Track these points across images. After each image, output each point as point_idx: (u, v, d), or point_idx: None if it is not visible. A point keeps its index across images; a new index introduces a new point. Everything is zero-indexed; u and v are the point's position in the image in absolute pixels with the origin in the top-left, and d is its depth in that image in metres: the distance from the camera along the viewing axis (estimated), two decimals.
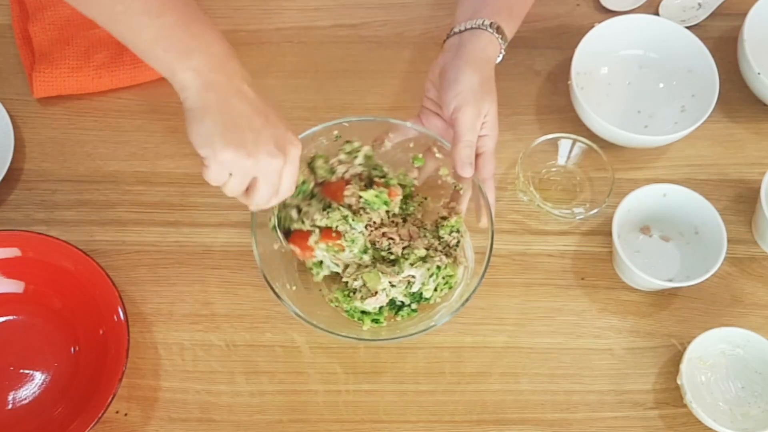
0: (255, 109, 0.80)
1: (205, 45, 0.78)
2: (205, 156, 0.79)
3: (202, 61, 0.78)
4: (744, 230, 1.07)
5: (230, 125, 0.78)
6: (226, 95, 0.79)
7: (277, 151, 0.80)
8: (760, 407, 0.96)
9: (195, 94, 0.78)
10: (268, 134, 0.80)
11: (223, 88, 0.78)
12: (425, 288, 0.94)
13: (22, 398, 0.95)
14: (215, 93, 0.78)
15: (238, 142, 0.78)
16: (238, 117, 0.79)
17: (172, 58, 0.77)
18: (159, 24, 0.77)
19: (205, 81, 0.78)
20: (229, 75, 0.79)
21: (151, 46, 0.78)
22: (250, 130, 0.79)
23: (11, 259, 0.98)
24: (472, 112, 0.93)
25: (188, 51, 0.78)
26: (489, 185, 0.95)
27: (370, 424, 0.96)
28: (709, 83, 1.06)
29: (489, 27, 0.97)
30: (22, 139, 1.08)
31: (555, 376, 0.99)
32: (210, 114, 0.78)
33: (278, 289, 0.91)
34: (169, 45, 0.77)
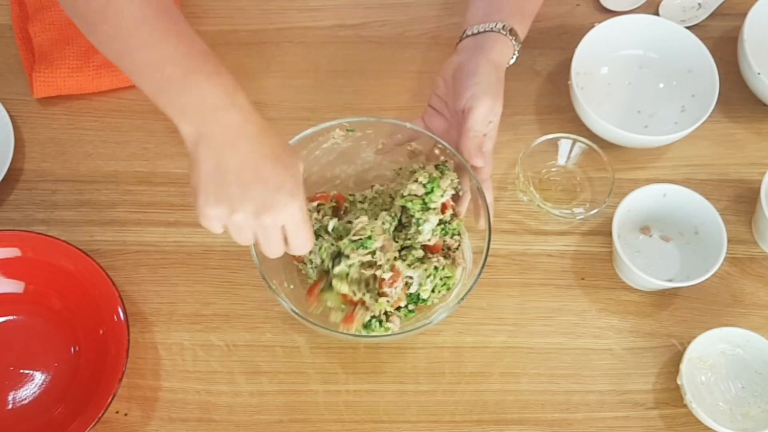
0: (244, 163, 0.78)
1: (199, 98, 0.77)
2: (196, 204, 0.80)
3: (195, 116, 0.77)
4: (744, 230, 1.07)
5: (217, 182, 0.78)
6: (216, 150, 0.77)
7: (262, 209, 0.79)
8: (760, 407, 0.96)
9: (190, 147, 0.78)
10: (256, 191, 0.78)
11: (214, 143, 0.77)
12: (423, 289, 0.93)
13: (22, 398, 0.95)
14: (206, 148, 0.77)
15: (223, 199, 0.78)
16: (225, 173, 0.78)
17: (171, 112, 0.78)
18: (158, 78, 0.77)
19: (198, 136, 0.77)
20: (223, 128, 0.77)
21: (156, 99, 0.79)
22: (237, 186, 0.78)
23: (11, 259, 0.98)
24: (488, 104, 0.93)
25: (183, 107, 0.77)
26: (487, 185, 0.95)
27: (370, 424, 0.96)
28: (709, 83, 1.06)
29: (503, 30, 0.97)
30: (22, 139, 1.08)
31: (555, 376, 0.99)
32: (200, 168, 0.78)
33: (276, 287, 0.91)
34: (168, 100, 0.78)
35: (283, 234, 0.82)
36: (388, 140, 0.99)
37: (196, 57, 0.77)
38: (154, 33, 0.76)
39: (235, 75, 0.88)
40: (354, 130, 0.97)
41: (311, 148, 0.97)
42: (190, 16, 1.15)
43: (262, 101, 1.11)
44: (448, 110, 0.98)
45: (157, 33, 0.76)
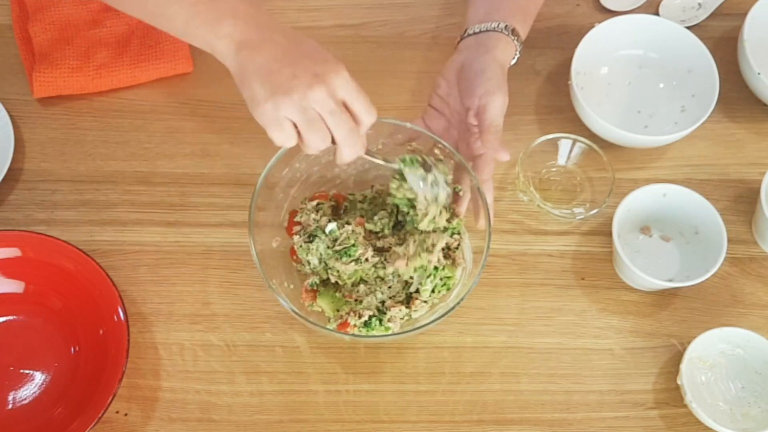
0: (286, 48, 0.80)
1: (231, 10, 0.80)
2: (257, 115, 0.80)
3: (230, 26, 0.80)
4: (744, 230, 1.07)
5: (265, 73, 0.79)
6: (257, 50, 0.80)
7: (314, 78, 0.78)
8: (760, 407, 0.96)
9: (232, 59, 0.80)
10: (304, 66, 0.79)
11: (254, 43, 0.80)
12: (423, 289, 0.94)
13: (22, 398, 0.95)
14: (248, 51, 0.79)
15: (277, 86, 0.78)
16: (271, 62, 0.79)
17: (206, 32, 0.81)
18: (185, 5, 0.81)
19: (238, 43, 0.80)
20: (260, 29, 0.80)
21: (186, 29, 0.82)
22: (287, 68, 0.79)
23: (11, 259, 0.98)
24: (502, 99, 0.94)
25: (217, 20, 0.80)
26: (488, 186, 0.95)
27: (370, 424, 0.96)
28: (709, 83, 1.06)
29: (504, 30, 0.97)
30: (22, 139, 1.08)
31: (555, 376, 0.99)
32: (245, 72, 0.80)
33: (276, 287, 0.91)
34: (201, 22, 0.81)
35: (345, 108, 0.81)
36: (389, 140, 0.99)
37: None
38: None
39: None
40: None
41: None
42: None
43: None
44: (449, 110, 0.98)
45: None
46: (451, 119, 0.98)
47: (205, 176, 1.07)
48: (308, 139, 0.81)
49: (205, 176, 1.07)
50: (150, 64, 1.09)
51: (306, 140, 0.81)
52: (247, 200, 0.92)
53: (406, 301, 0.94)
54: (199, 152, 1.08)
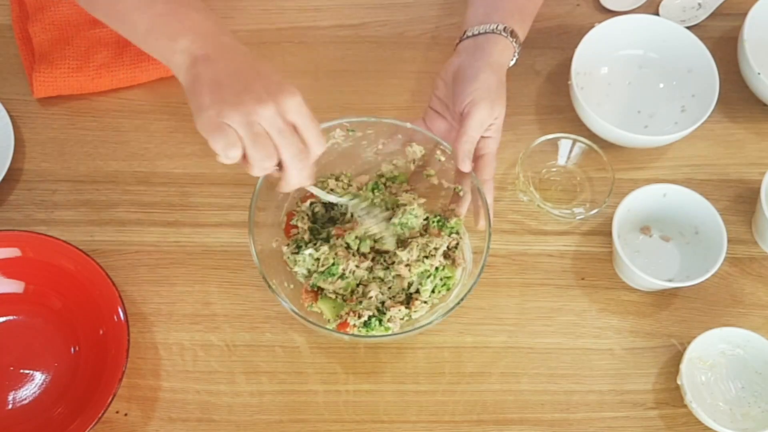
0: (241, 67, 0.79)
1: (191, 26, 0.80)
2: (201, 125, 0.77)
3: (189, 41, 0.79)
4: (744, 230, 1.07)
5: (216, 86, 0.78)
6: (213, 63, 0.79)
7: (266, 95, 0.77)
8: (760, 407, 0.96)
9: (185, 72, 0.79)
10: (257, 85, 0.78)
11: (210, 57, 0.79)
12: (423, 289, 0.94)
13: (22, 398, 0.95)
14: (203, 64, 0.79)
15: (226, 98, 0.77)
16: (223, 77, 0.78)
17: (164, 45, 0.80)
18: (149, 14, 0.81)
19: (194, 57, 0.79)
20: (216, 45, 0.80)
21: (146, 38, 0.81)
22: (237, 83, 0.78)
23: (11, 259, 0.98)
24: (486, 110, 0.93)
25: (176, 34, 0.80)
26: (488, 187, 0.95)
27: (370, 424, 0.96)
28: (709, 83, 1.06)
29: (503, 31, 0.97)
30: (22, 139, 1.08)
31: (555, 376, 0.99)
32: (196, 83, 0.78)
33: (276, 287, 0.91)
34: (160, 33, 0.80)
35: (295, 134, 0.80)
36: (389, 140, 0.99)
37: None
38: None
39: None
40: (354, 130, 0.97)
41: None
42: None
43: None
44: (449, 112, 0.98)
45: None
46: (451, 121, 0.98)
47: (205, 176, 1.07)
48: (252, 155, 0.78)
49: (205, 176, 1.07)
50: (150, 64, 1.09)
51: (250, 156, 0.78)
52: (247, 200, 0.92)
53: (406, 301, 0.94)
54: (199, 152, 1.08)
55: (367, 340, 0.97)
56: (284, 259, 0.96)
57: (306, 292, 0.95)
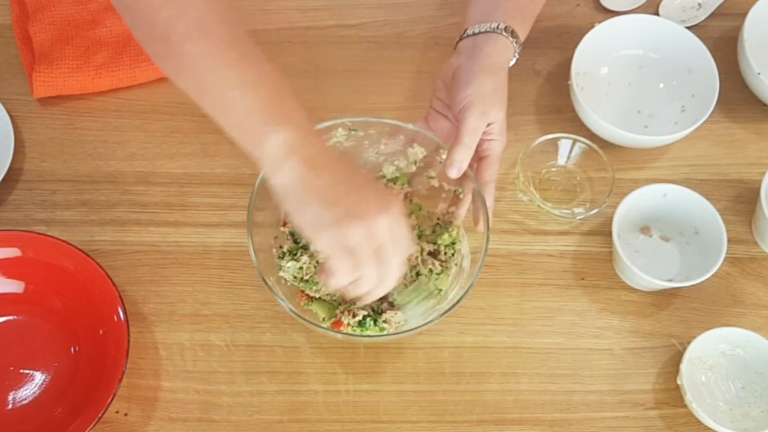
0: (348, 173, 0.77)
1: (296, 118, 0.75)
2: (321, 242, 0.75)
3: (294, 134, 0.74)
4: (744, 230, 1.07)
5: (332, 197, 0.74)
6: (319, 168, 0.75)
7: (382, 204, 0.76)
8: (760, 407, 0.96)
9: (290, 173, 0.74)
10: (369, 191, 0.77)
11: (315, 161, 0.75)
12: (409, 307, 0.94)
13: (22, 398, 0.95)
14: (309, 168, 0.74)
15: (341, 211, 0.74)
16: (336, 186, 0.75)
17: (265, 131, 0.74)
18: (254, 97, 0.75)
19: (298, 157, 0.74)
20: (320, 147, 0.76)
21: (243, 120, 0.75)
22: (354, 192, 0.75)
23: (11, 259, 0.98)
24: (478, 115, 0.92)
25: (282, 124, 0.74)
26: (489, 188, 0.95)
27: (370, 424, 0.96)
28: (709, 83, 1.06)
29: (504, 31, 0.96)
30: (22, 139, 1.08)
31: (555, 376, 0.99)
32: (310, 192, 0.74)
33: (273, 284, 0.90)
34: (263, 119, 0.74)
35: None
36: (390, 140, 0.99)
37: (281, 79, 0.77)
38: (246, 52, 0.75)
39: None
40: (357, 130, 0.97)
41: None
42: None
43: None
44: (450, 112, 0.98)
45: (248, 53, 0.76)
46: (454, 121, 0.98)
47: (205, 176, 1.07)
48: (366, 271, 0.76)
49: (205, 176, 1.07)
50: (150, 64, 1.09)
51: (358, 277, 0.77)
52: (247, 200, 0.92)
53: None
54: (199, 152, 1.08)
55: (366, 340, 0.97)
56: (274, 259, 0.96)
57: (301, 292, 0.95)
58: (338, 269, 0.76)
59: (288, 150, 0.74)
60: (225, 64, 0.74)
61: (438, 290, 0.95)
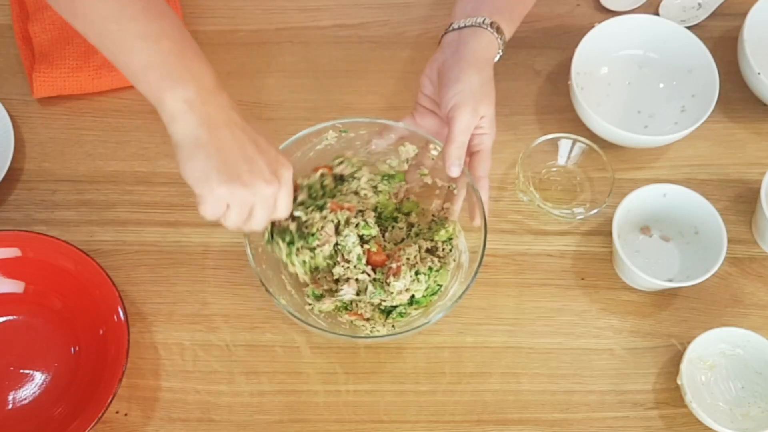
0: (247, 138, 0.80)
1: (198, 76, 0.78)
2: (201, 194, 0.79)
3: (194, 92, 0.77)
4: (744, 230, 1.07)
5: (225, 159, 0.78)
6: (217, 128, 0.78)
7: (272, 177, 0.81)
8: (760, 407, 0.96)
9: (185, 129, 0.78)
10: (262, 162, 0.80)
11: (214, 121, 0.78)
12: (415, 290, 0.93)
13: (22, 398, 0.95)
14: (207, 127, 0.78)
15: (235, 175, 0.79)
16: (231, 150, 0.79)
17: (165, 86, 0.77)
18: (155, 49, 0.77)
19: (198, 114, 0.77)
20: (220, 107, 0.79)
21: (142, 71, 0.77)
22: (244, 161, 0.79)
23: (11, 259, 0.98)
24: (469, 113, 0.93)
25: (181, 80, 0.77)
26: (483, 184, 0.95)
27: (370, 424, 0.96)
28: (709, 83, 1.06)
29: (489, 26, 0.97)
30: (22, 139, 1.08)
31: (555, 376, 0.99)
32: (202, 149, 0.78)
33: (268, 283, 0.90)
34: (163, 73, 0.77)
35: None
36: (380, 140, 0.98)
37: (187, 37, 0.79)
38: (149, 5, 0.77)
39: (236, 75, 0.87)
40: (347, 131, 0.97)
41: (305, 150, 0.97)
42: (191, 16, 1.15)
43: (262, 101, 1.11)
44: (438, 108, 0.98)
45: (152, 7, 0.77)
46: (442, 117, 0.98)
47: None
48: (228, 219, 0.81)
49: None
50: None
51: (227, 218, 0.81)
52: None
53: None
54: None
55: (366, 341, 0.97)
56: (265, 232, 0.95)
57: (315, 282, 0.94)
58: (206, 213, 0.80)
59: (187, 107, 0.77)
60: (126, 15, 0.76)
61: (438, 286, 0.95)
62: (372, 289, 0.92)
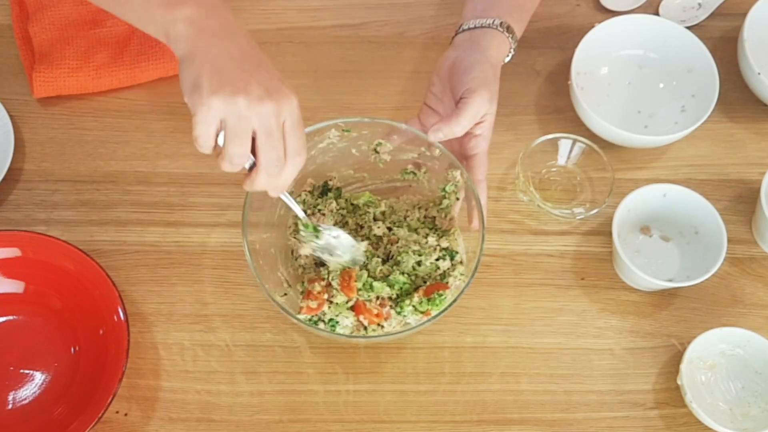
0: (247, 53, 0.77)
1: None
2: (192, 103, 0.74)
3: (193, 10, 0.76)
4: (744, 230, 1.07)
5: (219, 67, 0.75)
6: (217, 38, 0.76)
7: (266, 93, 0.75)
8: (760, 407, 0.96)
9: (185, 42, 0.76)
10: (260, 77, 0.75)
11: (214, 32, 0.76)
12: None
13: (22, 398, 0.95)
14: (206, 38, 0.76)
15: (226, 83, 0.74)
16: (228, 60, 0.75)
17: (164, 13, 0.76)
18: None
19: (197, 27, 0.76)
20: (222, 21, 0.77)
21: (143, 7, 0.77)
22: (241, 71, 0.75)
23: (11, 259, 0.98)
24: (484, 98, 0.93)
25: (179, 4, 0.76)
26: (482, 187, 0.95)
27: (370, 424, 0.96)
28: (709, 83, 1.06)
29: (500, 26, 0.97)
30: (22, 139, 1.08)
31: (555, 376, 0.99)
32: (198, 58, 0.75)
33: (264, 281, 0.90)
34: (160, 2, 0.76)
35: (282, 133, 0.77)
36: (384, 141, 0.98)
37: None
38: None
39: None
40: (350, 131, 0.97)
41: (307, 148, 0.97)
42: None
43: None
44: (443, 107, 0.98)
45: None
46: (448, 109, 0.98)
47: (205, 176, 1.07)
48: (230, 150, 0.76)
49: (205, 176, 1.07)
50: (150, 64, 1.09)
51: (227, 150, 0.76)
52: None
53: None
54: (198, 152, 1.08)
55: (366, 341, 0.97)
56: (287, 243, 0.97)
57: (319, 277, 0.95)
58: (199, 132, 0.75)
59: (187, 24, 0.76)
60: None
61: (452, 252, 0.95)
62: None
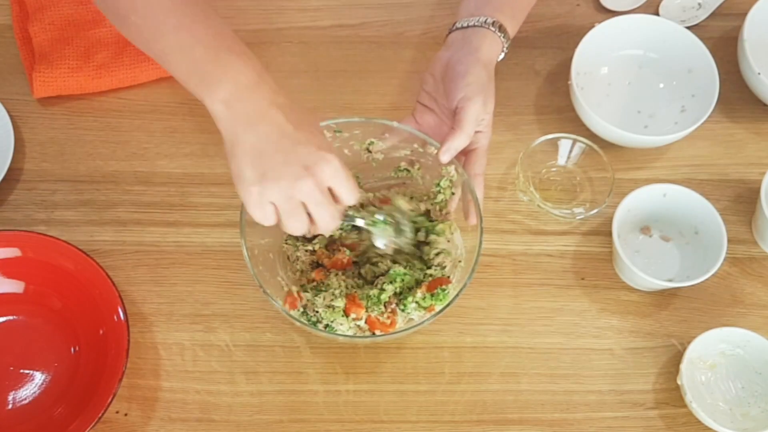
0: (283, 131, 0.80)
1: (232, 75, 0.79)
2: (240, 193, 0.81)
3: (229, 92, 0.79)
4: (744, 230, 1.07)
5: (257, 154, 0.79)
6: (253, 124, 0.79)
7: (304, 170, 0.79)
8: (760, 407, 0.96)
9: (225, 128, 0.80)
10: (298, 153, 0.79)
11: (251, 117, 0.79)
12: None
13: (22, 398, 0.95)
14: (242, 124, 0.79)
15: (267, 170, 0.79)
16: (266, 144, 0.79)
17: (203, 91, 0.79)
18: (190, 59, 0.80)
19: (234, 112, 0.79)
20: (258, 101, 0.80)
21: (186, 81, 0.81)
22: (279, 153, 0.79)
23: (11, 259, 0.98)
24: (479, 105, 0.93)
25: (216, 83, 0.79)
26: (479, 181, 0.95)
27: (370, 424, 0.96)
28: (709, 83, 1.06)
29: (492, 26, 0.97)
30: (22, 139, 1.08)
31: (555, 376, 0.99)
32: (238, 147, 0.79)
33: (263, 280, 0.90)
34: (200, 79, 0.80)
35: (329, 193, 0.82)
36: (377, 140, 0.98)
37: (225, 38, 0.81)
38: (183, 18, 0.80)
39: None
40: (342, 131, 0.96)
41: None
42: None
43: None
44: (437, 105, 0.98)
45: (186, 18, 0.80)
46: (441, 115, 0.98)
47: (205, 176, 1.07)
48: (287, 224, 0.82)
49: (205, 176, 1.07)
50: (150, 64, 1.09)
51: (284, 226, 0.82)
52: None
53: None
54: (199, 152, 1.08)
55: (366, 341, 0.97)
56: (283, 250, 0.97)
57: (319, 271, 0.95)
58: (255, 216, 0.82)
59: (224, 107, 0.79)
60: (163, 31, 0.81)
61: (448, 232, 0.95)
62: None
